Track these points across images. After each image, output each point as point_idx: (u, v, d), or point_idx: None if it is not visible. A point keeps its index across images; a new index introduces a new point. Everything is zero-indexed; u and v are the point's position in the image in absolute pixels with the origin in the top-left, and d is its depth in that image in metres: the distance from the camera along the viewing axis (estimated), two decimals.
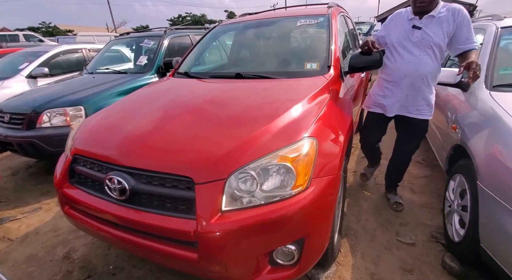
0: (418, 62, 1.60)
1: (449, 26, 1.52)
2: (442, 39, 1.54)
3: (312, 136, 1.14)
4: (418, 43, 1.60)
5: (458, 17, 1.50)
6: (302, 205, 0.99)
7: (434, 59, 1.59)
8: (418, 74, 1.62)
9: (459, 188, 1.49)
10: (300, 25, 2.15)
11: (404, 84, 1.69)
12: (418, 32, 1.59)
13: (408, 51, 1.64)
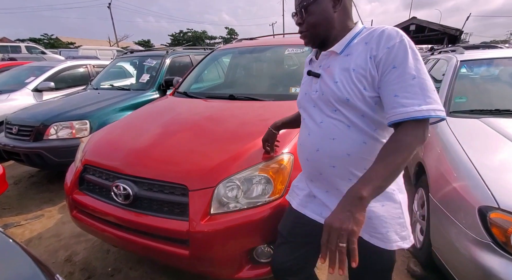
0: (320, 136, 0.83)
1: (367, 69, 0.73)
2: (355, 93, 0.74)
3: (290, 153, 1.35)
4: (319, 102, 0.84)
5: (381, 51, 0.71)
6: (278, 209, 1.19)
7: (354, 130, 0.78)
8: (321, 157, 0.84)
9: (421, 200, 1.70)
10: (288, 54, 2.43)
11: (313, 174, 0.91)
12: (317, 82, 0.85)
13: (309, 116, 0.90)
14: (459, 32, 16.40)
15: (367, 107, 0.75)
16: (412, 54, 0.70)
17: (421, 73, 0.69)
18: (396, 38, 0.71)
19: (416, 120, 0.67)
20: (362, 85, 0.74)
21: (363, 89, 0.74)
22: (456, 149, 1.42)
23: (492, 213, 1.05)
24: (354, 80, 0.74)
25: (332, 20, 0.79)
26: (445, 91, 1.94)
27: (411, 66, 0.68)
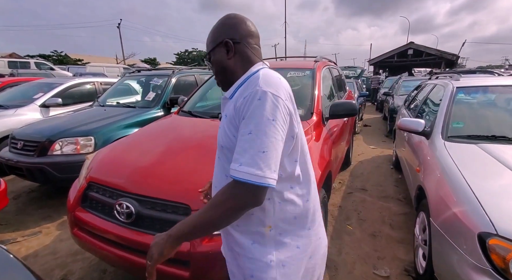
0: (215, 176, 0.86)
1: (234, 116, 0.70)
2: (227, 140, 0.73)
3: None
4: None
5: (240, 100, 0.69)
6: None
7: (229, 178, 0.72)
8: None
9: (422, 224, 1.69)
10: (290, 76, 2.53)
11: None
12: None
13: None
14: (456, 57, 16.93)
15: None
16: (264, 109, 0.63)
17: (259, 130, 0.62)
18: (256, 88, 0.66)
19: (235, 180, 0.63)
20: (231, 133, 0.70)
21: (232, 137, 0.69)
22: (455, 173, 1.45)
23: (491, 239, 1.05)
24: (225, 127, 0.72)
25: (229, 67, 0.79)
26: (443, 116, 2.00)
27: (254, 121, 0.63)
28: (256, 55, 0.80)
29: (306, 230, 0.78)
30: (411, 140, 2.53)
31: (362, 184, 3.42)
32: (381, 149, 5.11)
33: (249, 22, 0.81)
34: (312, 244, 0.80)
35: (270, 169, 0.62)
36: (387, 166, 4.10)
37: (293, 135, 0.70)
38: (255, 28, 0.83)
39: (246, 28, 0.79)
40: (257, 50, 0.82)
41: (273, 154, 0.63)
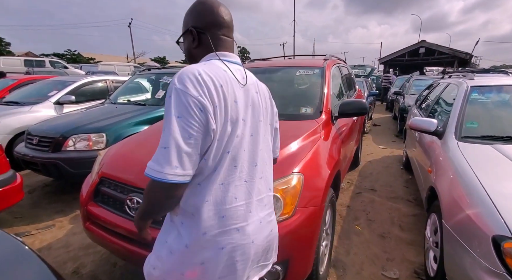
0: None
1: None
2: None
3: (300, 172, 1.38)
4: None
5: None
6: (288, 230, 1.19)
7: None
8: None
9: (433, 226, 1.66)
10: (299, 75, 2.52)
11: None
12: None
13: None
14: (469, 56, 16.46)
15: None
16: (171, 106, 0.64)
17: (165, 127, 0.64)
18: (171, 85, 0.67)
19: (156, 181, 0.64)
20: None
21: None
22: (469, 174, 1.41)
23: (506, 243, 1.02)
24: None
25: (194, 56, 0.81)
26: (456, 116, 1.95)
27: (165, 118, 0.65)
28: (222, 47, 0.78)
29: (201, 234, 0.71)
30: (422, 140, 2.48)
31: (371, 184, 3.38)
32: (391, 149, 5.02)
33: (219, 10, 0.77)
34: (206, 251, 0.71)
35: (171, 165, 0.62)
36: (397, 166, 4.03)
37: (209, 132, 0.67)
38: (227, 16, 0.79)
39: (213, 17, 0.77)
40: (225, 41, 0.79)
41: (174, 150, 0.63)
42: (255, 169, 0.79)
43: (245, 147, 0.76)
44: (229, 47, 0.80)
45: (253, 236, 0.76)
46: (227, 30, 0.79)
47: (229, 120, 0.71)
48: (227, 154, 0.72)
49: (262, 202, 0.82)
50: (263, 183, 0.82)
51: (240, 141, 0.74)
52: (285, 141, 1.60)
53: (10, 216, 2.62)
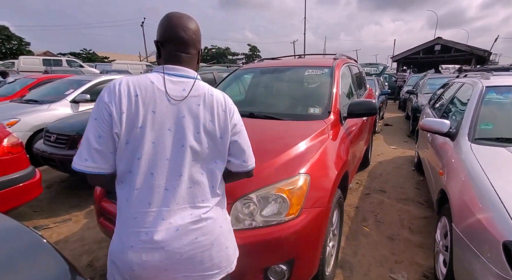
0: None
1: None
2: None
3: (306, 173, 1.38)
4: None
5: None
6: (293, 230, 1.21)
7: None
8: None
9: (443, 229, 1.63)
10: (308, 75, 2.51)
11: None
12: None
13: None
14: (488, 54, 15.80)
15: None
16: (95, 105, 0.79)
17: (88, 124, 0.78)
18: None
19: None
20: None
21: None
22: (481, 177, 1.38)
23: None
24: None
25: (158, 65, 0.87)
26: (470, 117, 1.90)
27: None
28: (174, 61, 0.84)
29: (120, 227, 0.82)
30: (434, 141, 2.43)
31: (381, 185, 3.33)
32: (403, 149, 4.92)
33: (178, 26, 0.82)
34: (122, 243, 0.80)
35: (80, 157, 0.77)
36: (408, 167, 3.95)
37: (113, 135, 0.76)
38: (186, 33, 0.83)
39: (171, 34, 0.83)
40: (178, 56, 0.84)
41: (85, 145, 0.77)
42: (180, 179, 0.81)
43: (167, 156, 0.79)
44: (183, 62, 0.85)
45: (162, 243, 0.79)
46: (184, 46, 0.84)
47: (140, 127, 0.76)
48: (137, 160, 0.77)
49: (186, 210, 0.82)
50: (192, 193, 0.83)
51: (156, 149, 0.78)
52: (292, 141, 1.61)
53: (29, 209, 2.76)
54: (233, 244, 0.96)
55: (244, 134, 0.92)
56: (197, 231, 0.83)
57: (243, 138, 0.92)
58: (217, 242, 0.87)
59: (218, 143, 0.86)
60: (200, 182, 0.85)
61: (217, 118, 0.84)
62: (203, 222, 0.84)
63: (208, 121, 0.83)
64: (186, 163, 0.81)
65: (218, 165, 0.88)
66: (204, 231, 0.84)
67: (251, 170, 0.95)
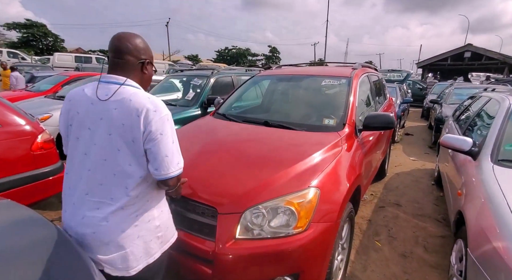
0: None
1: None
2: None
3: (317, 187, 1.39)
4: None
5: None
6: (300, 243, 1.22)
7: None
8: None
9: (459, 253, 1.57)
10: (325, 84, 2.50)
11: None
12: None
13: None
14: None
15: None
16: None
17: None
18: None
19: None
20: None
21: None
22: (501, 202, 1.32)
23: None
24: None
25: None
26: (494, 136, 1.81)
27: None
28: (110, 69, 1.00)
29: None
30: (455, 157, 2.33)
31: (397, 198, 3.23)
32: (423, 161, 4.74)
33: (113, 38, 0.99)
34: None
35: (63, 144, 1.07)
36: (428, 181, 3.80)
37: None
38: (118, 41, 0.98)
39: (109, 45, 1.00)
40: (113, 62, 0.99)
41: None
42: (88, 173, 0.96)
43: (84, 150, 0.96)
44: (118, 68, 0.98)
45: (67, 223, 0.99)
46: (118, 53, 0.98)
47: (70, 125, 0.99)
48: (69, 151, 1.01)
49: (95, 204, 0.95)
50: (102, 189, 0.95)
51: (76, 143, 0.98)
52: (305, 153, 1.62)
53: (57, 200, 2.95)
54: (141, 250, 1.00)
55: (163, 144, 0.93)
56: (99, 226, 0.95)
57: (159, 147, 0.93)
58: (115, 243, 0.96)
59: (131, 147, 0.93)
60: (111, 182, 0.95)
61: (130, 123, 0.91)
62: (104, 221, 0.94)
63: (121, 124, 0.92)
64: (98, 161, 0.94)
65: (133, 167, 0.95)
66: (104, 229, 0.95)
67: (165, 180, 0.97)
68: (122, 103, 0.92)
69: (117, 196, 0.95)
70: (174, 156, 0.96)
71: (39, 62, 15.52)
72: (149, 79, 1.08)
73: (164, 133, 0.94)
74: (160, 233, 1.07)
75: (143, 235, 1.00)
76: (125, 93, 0.94)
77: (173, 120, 0.99)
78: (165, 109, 0.96)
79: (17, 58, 15.97)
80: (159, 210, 1.07)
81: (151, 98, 0.95)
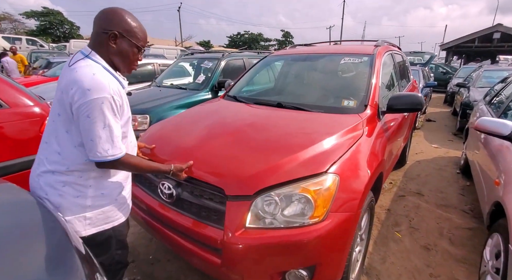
0: None
1: None
2: None
3: (335, 173, 1.25)
4: None
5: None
6: (317, 235, 1.10)
7: None
8: None
9: (495, 248, 1.40)
10: (344, 63, 2.28)
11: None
12: None
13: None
14: None
15: None
16: None
17: None
18: None
19: None
20: None
21: None
22: None
23: None
24: None
25: None
26: None
27: None
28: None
29: None
30: (490, 143, 2.10)
31: (418, 187, 3.04)
32: (446, 148, 4.44)
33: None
34: None
35: None
36: (452, 170, 3.55)
37: None
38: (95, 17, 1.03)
39: None
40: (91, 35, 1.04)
41: None
42: (45, 135, 1.04)
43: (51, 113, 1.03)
44: (91, 40, 1.02)
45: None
46: (93, 26, 1.02)
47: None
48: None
49: (37, 160, 1.06)
50: (45, 147, 1.03)
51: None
52: (321, 136, 1.47)
53: None
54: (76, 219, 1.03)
55: (88, 126, 0.93)
56: (33, 181, 1.05)
57: (84, 128, 0.94)
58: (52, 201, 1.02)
59: (68, 115, 0.96)
60: (50, 143, 1.02)
61: (65, 95, 0.93)
62: (36, 178, 1.04)
63: (61, 92, 0.95)
64: (50, 121, 1.02)
65: (69, 135, 0.98)
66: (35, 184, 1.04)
67: (94, 161, 0.98)
68: (70, 73, 0.94)
69: (51, 158, 1.01)
70: (101, 141, 0.95)
71: (56, 49, 15.80)
72: (122, 55, 1.03)
73: (92, 116, 0.92)
74: (90, 215, 1.05)
75: (66, 207, 1.01)
76: (79, 64, 0.96)
77: (183, 104, 0.98)
78: (104, 93, 0.92)
79: (35, 46, 16.33)
80: (98, 192, 1.06)
81: (96, 76, 0.93)
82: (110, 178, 1.08)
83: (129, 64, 1.08)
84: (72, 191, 1.01)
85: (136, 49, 1.06)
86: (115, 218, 1.14)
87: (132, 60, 1.07)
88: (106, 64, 1.01)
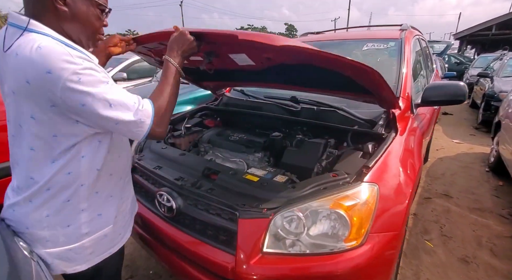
0: None
1: None
2: None
3: (372, 182, 1.00)
4: None
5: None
6: (355, 264, 0.86)
7: None
8: None
9: None
10: (367, 49, 2.00)
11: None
12: None
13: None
14: None
15: None
16: None
17: None
18: None
19: None
20: None
21: None
22: None
23: None
24: None
25: None
26: None
27: None
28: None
29: None
30: None
31: (445, 188, 2.75)
32: (470, 144, 4.11)
33: None
34: None
35: None
36: (481, 168, 3.24)
37: None
38: None
39: None
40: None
41: None
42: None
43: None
44: (25, 5, 0.70)
45: None
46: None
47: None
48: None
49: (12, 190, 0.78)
50: (17, 178, 0.76)
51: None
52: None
53: None
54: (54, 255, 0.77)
55: (88, 114, 0.68)
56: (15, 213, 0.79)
57: (91, 119, 0.70)
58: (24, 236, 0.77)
59: (41, 119, 0.70)
60: (19, 165, 0.78)
61: (21, 92, 0.67)
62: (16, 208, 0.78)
63: (13, 93, 0.68)
64: (10, 141, 0.76)
65: (41, 149, 0.72)
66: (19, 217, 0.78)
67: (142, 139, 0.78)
68: (10, 62, 0.65)
69: (24, 183, 0.74)
70: (125, 118, 0.71)
71: None
72: (80, 21, 0.72)
73: (84, 102, 0.65)
74: (89, 243, 0.80)
75: (55, 241, 0.76)
76: (19, 44, 0.64)
77: (185, 100, 0.69)
78: (70, 64, 0.61)
79: None
80: (94, 214, 0.80)
81: (44, 49, 0.61)
82: (104, 192, 0.81)
83: (93, 33, 0.77)
84: (60, 221, 0.75)
85: (98, 9, 0.75)
86: (120, 239, 0.92)
87: (96, 26, 0.76)
88: (59, 35, 0.69)
